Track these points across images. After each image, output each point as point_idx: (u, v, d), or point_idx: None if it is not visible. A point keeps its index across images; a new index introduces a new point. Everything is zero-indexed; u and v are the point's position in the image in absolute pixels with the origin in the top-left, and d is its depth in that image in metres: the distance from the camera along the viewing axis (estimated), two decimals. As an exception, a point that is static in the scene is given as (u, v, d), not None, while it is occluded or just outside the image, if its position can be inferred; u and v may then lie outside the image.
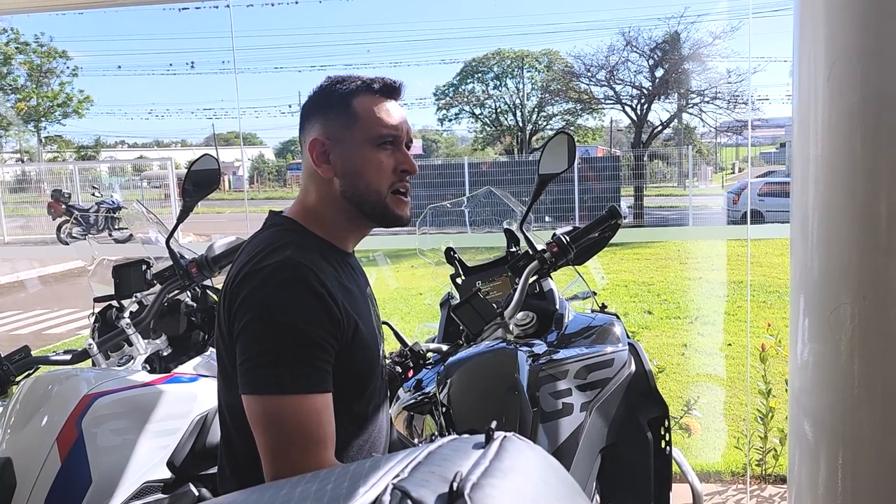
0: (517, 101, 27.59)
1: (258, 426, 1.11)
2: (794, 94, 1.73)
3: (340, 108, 1.26)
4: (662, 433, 1.78)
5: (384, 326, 2.05)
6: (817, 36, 1.64)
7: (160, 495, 1.73)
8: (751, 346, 3.57)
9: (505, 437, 0.73)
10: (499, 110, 28.18)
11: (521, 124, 27.52)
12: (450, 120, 29.27)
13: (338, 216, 1.30)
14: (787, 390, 3.28)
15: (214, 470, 1.85)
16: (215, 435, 1.86)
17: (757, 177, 18.50)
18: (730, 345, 5.98)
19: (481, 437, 0.73)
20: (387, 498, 0.61)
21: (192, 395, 1.86)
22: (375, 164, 1.27)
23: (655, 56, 20.39)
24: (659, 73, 20.69)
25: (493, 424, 0.74)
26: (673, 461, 1.84)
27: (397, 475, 0.65)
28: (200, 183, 2.10)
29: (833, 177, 1.63)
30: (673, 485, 1.81)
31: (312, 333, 1.12)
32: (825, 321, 1.68)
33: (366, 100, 1.27)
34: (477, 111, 28.53)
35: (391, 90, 1.30)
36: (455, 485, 0.61)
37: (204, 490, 1.81)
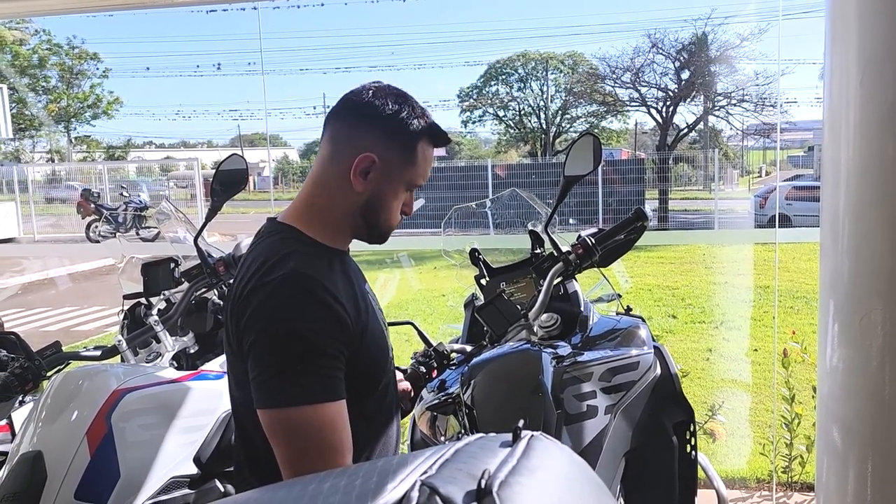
0: (541, 104, 27.52)
1: (275, 438, 1.13)
2: (825, 97, 1.71)
3: (404, 144, 1.27)
4: (688, 438, 1.77)
5: (408, 326, 2.06)
6: (849, 39, 1.62)
7: (187, 490, 1.76)
8: (777, 351, 3.53)
9: (532, 436, 0.73)
10: (522, 112, 28.12)
11: (544, 127, 27.44)
12: (473, 122, 29.29)
13: (344, 221, 1.30)
14: (813, 397, 3.25)
15: (240, 467, 1.87)
16: (241, 432, 1.89)
17: (785, 180, 18.26)
18: (756, 350, 5.91)
19: (508, 436, 0.73)
20: (415, 494, 0.62)
21: (219, 392, 1.88)
22: (400, 201, 1.33)
23: (681, 58, 20.23)
24: (685, 75, 20.52)
25: (521, 423, 0.74)
26: (698, 466, 1.82)
27: (425, 472, 0.66)
28: (228, 183, 2.13)
29: (864, 180, 1.61)
30: (698, 490, 1.80)
31: (322, 343, 1.13)
32: (855, 327, 1.66)
33: (425, 147, 1.30)
34: (500, 113, 28.51)
35: (441, 141, 1.34)
36: (483, 482, 0.62)
37: (229, 486, 1.83)
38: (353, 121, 1.27)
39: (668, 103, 20.81)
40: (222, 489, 1.81)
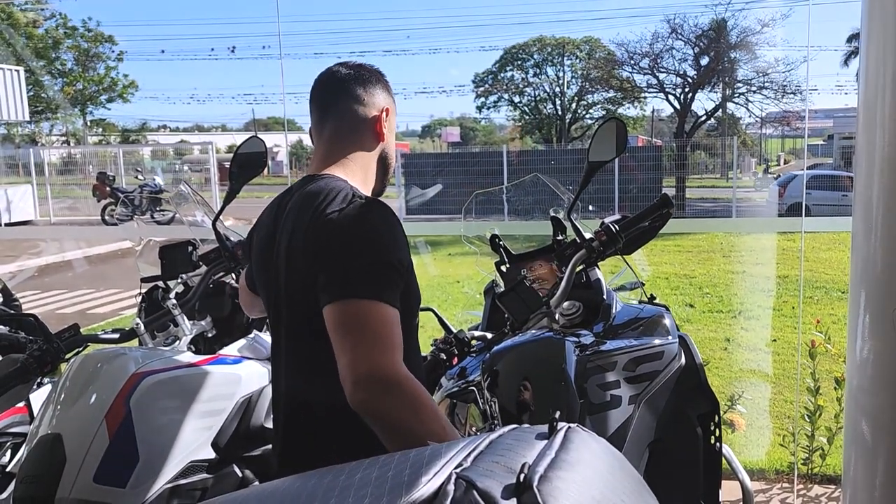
0: (557, 90, 27.33)
1: (342, 327, 1.22)
2: (860, 82, 1.66)
3: (392, 96, 1.55)
4: (712, 429, 1.74)
5: (428, 312, 2.04)
6: (887, 23, 1.57)
7: (205, 475, 1.75)
8: (802, 342, 3.48)
9: (569, 428, 0.70)
10: (538, 98, 27.95)
11: (560, 113, 27.26)
12: (488, 108, 29.12)
13: (370, 169, 1.51)
14: (834, 388, 3.20)
15: (258, 452, 1.86)
16: (259, 417, 1.87)
17: (807, 168, 18.05)
18: (775, 340, 5.85)
19: (544, 428, 0.71)
20: (451, 487, 0.60)
21: (237, 376, 1.87)
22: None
23: (701, 44, 19.99)
24: (704, 61, 20.29)
25: (557, 415, 0.71)
26: (722, 458, 1.79)
27: (459, 464, 0.63)
28: (247, 165, 2.10)
29: (900, 168, 1.56)
30: (722, 481, 1.77)
31: (396, 258, 1.28)
32: (887, 318, 1.62)
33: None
34: (516, 99, 28.34)
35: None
36: (522, 476, 0.59)
37: (247, 472, 1.82)
38: (363, 84, 1.49)
39: (686, 90, 20.60)
40: (240, 474, 1.80)
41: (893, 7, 1.56)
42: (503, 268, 2.13)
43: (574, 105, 27.16)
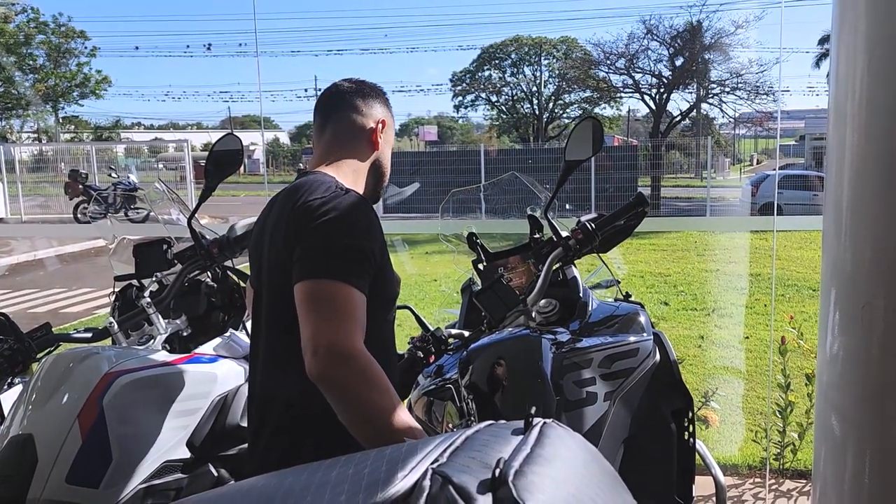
0: (534, 89, 27.43)
1: (309, 303, 1.29)
2: (831, 82, 1.69)
3: (390, 109, 1.66)
4: (686, 424, 1.76)
5: (405, 311, 2.04)
6: (857, 23, 1.60)
7: (180, 475, 1.73)
8: (774, 339, 3.53)
9: (545, 423, 0.71)
10: (515, 98, 28.02)
11: (537, 112, 27.36)
12: (466, 107, 29.17)
13: (368, 181, 1.60)
14: (806, 384, 3.26)
15: (234, 451, 1.85)
16: (235, 416, 1.86)
17: (779, 168, 18.30)
18: (747, 338, 5.93)
19: (520, 424, 0.71)
20: (427, 483, 0.60)
21: (213, 375, 1.85)
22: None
23: (676, 45, 20.18)
24: (679, 62, 20.49)
25: (533, 410, 0.72)
26: (696, 453, 1.82)
27: (436, 460, 0.63)
28: (223, 163, 2.09)
29: (869, 168, 1.59)
30: (696, 477, 1.79)
31: (368, 247, 1.36)
32: (856, 315, 1.65)
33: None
34: (493, 98, 28.40)
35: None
36: (498, 471, 0.59)
37: (223, 471, 1.81)
38: (362, 97, 1.60)
39: (661, 90, 20.79)
40: (216, 473, 1.79)
41: (864, 8, 1.58)
42: (480, 266, 2.14)
43: (551, 104, 27.30)
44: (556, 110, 27.22)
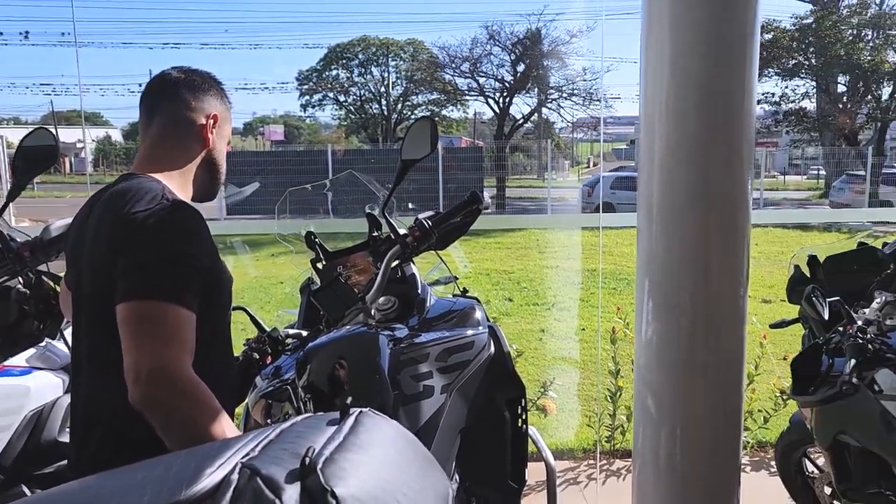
0: (382, 90, 27.51)
1: (131, 326, 1.22)
2: (640, 89, 1.83)
3: (227, 103, 1.58)
4: (519, 413, 1.84)
5: (240, 312, 1.98)
6: (662, 37, 1.74)
7: (-13, 498, 1.59)
8: (602, 329, 3.77)
9: (361, 412, 0.72)
10: (364, 98, 27.96)
11: (385, 113, 27.46)
12: (313, 106, 28.70)
13: (200, 179, 1.52)
14: (632, 370, 3.50)
15: (51, 469, 1.72)
16: (52, 431, 1.73)
17: (610, 171, 19.55)
18: (583, 329, 6.29)
19: (336, 414, 0.72)
20: (234, 477, 0.59)
21: (25, 388, 1.72)
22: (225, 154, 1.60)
23: (517, 51, 21.02)
24: (520, 67, 21.35)
25: (349, 400, 0.73)
26: (529, 439, 1.90)
27: (247, 454, 0.63)
28: (33, 159, 1.94)
29: (675, 169, 1.74)
30: (529, 462, 1.88)
31: (198, 260, 1.30)
32: (667, 303, 1.80)
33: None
34: (341, 98, 28.18)
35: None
36: (307, 459, 0.60)
37: (39, 491, 1.68)
38: (192, 89, 1.50)
39: (504, 94, 21.57)
40: (29, 494, 1.65)
41: (668, 22, 1.73)
42: (319, 265, 2.12)
43: (399, 105, 27.48)
44: (404, 111, 27.42)
